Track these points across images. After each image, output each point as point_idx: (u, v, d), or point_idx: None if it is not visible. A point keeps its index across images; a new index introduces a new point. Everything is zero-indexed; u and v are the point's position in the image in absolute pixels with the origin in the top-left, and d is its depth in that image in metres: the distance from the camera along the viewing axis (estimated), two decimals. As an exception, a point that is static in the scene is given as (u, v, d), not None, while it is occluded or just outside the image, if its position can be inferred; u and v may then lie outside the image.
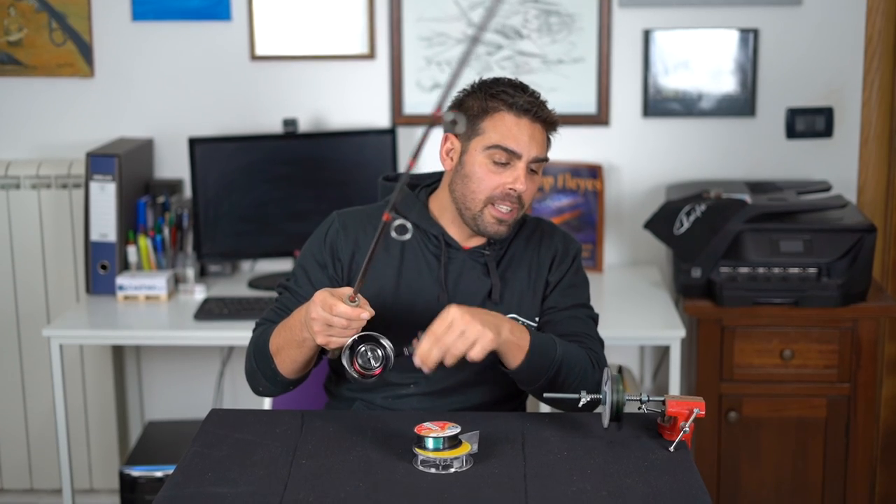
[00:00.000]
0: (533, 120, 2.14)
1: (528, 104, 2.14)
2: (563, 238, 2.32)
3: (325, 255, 2.23)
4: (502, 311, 2.21)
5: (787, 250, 3.10)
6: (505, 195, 2.14)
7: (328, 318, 1.93)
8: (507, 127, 2.13)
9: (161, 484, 2.30)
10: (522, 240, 2.28)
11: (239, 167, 3.42)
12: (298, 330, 2.03)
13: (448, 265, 2.22)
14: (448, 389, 2.22)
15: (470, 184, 2.16)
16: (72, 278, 3.54)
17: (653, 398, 1.91)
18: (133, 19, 3.56)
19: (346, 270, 2.23)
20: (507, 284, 2.24)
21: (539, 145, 2.15)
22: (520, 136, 2.13)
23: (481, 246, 2.24)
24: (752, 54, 3.49)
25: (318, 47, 3.58)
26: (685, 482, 1.79)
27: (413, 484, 1.79)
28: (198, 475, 1.83)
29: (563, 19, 3.52)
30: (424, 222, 2.23)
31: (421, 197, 2.29)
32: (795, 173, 3.56)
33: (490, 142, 2.14)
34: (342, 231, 2.24)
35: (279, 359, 2.10)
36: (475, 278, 2.22)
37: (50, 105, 3.63)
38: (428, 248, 2.23)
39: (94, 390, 3.58)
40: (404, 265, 2.22)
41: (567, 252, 2.29)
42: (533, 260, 2.27)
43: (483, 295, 2.22)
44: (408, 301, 2.20)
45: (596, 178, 3.53)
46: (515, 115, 2.14)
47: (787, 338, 3.12)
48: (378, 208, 2.27)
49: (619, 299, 3.32)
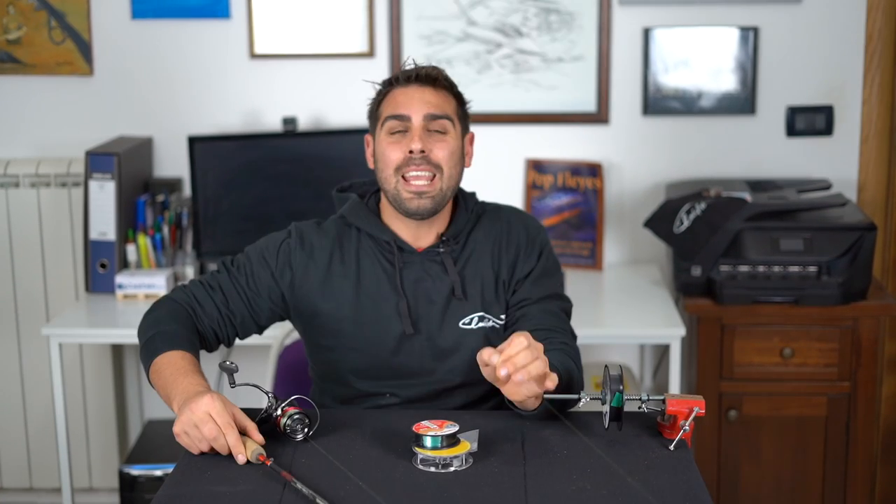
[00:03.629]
0: (421, 84, 2.17)
1: (410, 72, 2.18)
2: (525, 227, 2.26)
3: (277, 258, 2.21)
4: (468, 309, 2.19)
5: (787, 248, 3.10)
6: (408, 160, 2.13)
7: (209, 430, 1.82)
8: (396, 98, 2.17)
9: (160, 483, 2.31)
10: (481, 232, 2.24)
11: (238, 166, 3.41)
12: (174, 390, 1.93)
13: (403, 270, 2.18)
14: (426, 396, 2.20)
15: (380, 164, 2.18)
16: (71, 277, 3.54)
17: (653, 397, 1.91)
18: (132, 17, 3.56)
19: (291, 281, 2.20)
20: (468, 280, 2.20)
21: (431, 104, 2.15)
22: (407, 101, 2.15)
23: (434, 245, 2.20)
24: (752, 52, 3.49)
25: (317, 46, 3.58)
26: (685, 481, 1.79)
27: (412, 483, 1.78)
28: (197, 474, 1.82)
29: (562, 17, 3.52)
30: (374, 229, 2.20)
31: (370, 204, 2.27)
32: (795, 171, 3.56)
33: (383, 118, 2.17)
34: (299, 243, 2.22)
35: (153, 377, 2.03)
36: (434, 278, 2.19)
37: (49, 103, 3.63)
38: (383, 255, 2.20)
39: (94, 389, 3.58)
40: (361, 276, 2.19)
41: (533, 242, 2.24)
42: (494, 253, 2.22)
43: (445, 294, 2.18)
44: (369, 311, 2.17)
45: (596, 177, 3.53)
46: (402, 87, 2.18)
47: (788, 336, 3.11)
48: (332, 222, 2.26)
49: (619, 298, 3.31)
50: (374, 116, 2.23)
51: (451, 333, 2.18)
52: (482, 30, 3.53)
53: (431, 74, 2.18)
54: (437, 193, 2.15)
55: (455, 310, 2.19)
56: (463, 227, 2.22)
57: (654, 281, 3.44)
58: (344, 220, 2.25)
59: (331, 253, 2.21)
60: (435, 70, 2.19)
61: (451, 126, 2.17)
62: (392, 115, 2.15)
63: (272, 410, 1.94)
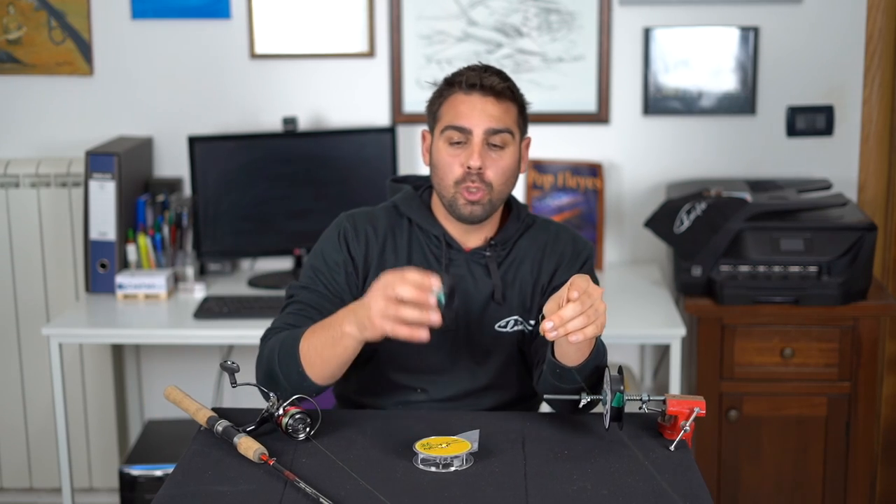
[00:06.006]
0: (484, 94, 2.14)
1: (474, 78, 2.14)
2: (573, 241, 2.27)
3: (342, 254, 2.20)
4: (505, 312, 2.20)
5: (787, 249, 3.10)
6: (465, 175, 2.13)
7: (396, 290, 1.80)
8: (457, 106, 2.14)
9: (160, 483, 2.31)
10: (527, 240, 2.25)
11: (239, 166, 3.41)
12: (339, 324, 1.93)
13: (449, 266, 2.21)
14: (458, 396, 2.21)
15: (438, 172, 2.17)
16: (71, 277, 3.54)
17: (653, 397, 1.91)
18: (132, 17, 3.56)
19: (361, 270, 2.20)
20: (509, 285, 2.22)
21: (493, 118, 2.13)
22: (469, 112, 2.13)
23: (482, 247, 2.22)
24: (753, 52, 3.49)
25: (317, 45, 3.57)
26: (686, 481, 1.79)
27: (413, 482, 1.78)
28: (198, 474, 1.82)
29: (563, 17, 3.52)
30: (426, 223, 2.22)
31: (424, 198, 2.27)
32: (796, 171, 3.56)
33: (444, 125, 2.15)
34: (353, 231, 2.22)
35: (309, 361, 1.99)
36: (477, 279, 2.21)
37: (49, 103, 3.62)
38: (430, 248, 2.22)
39: (94, 389, 3.58)
40: (411, 265, 2.20)
41: (577, 255, 2.25)
42: (536, 261, 2.24)
43: (486, 296, 2.20)
44: None
45: (596, 177, 3.53)
46: (465, 93, 2.15)
47: (788, 336, 3.11)
48: (383, 209, 2.26)
49: (620, 298, 3.31)
50: (433, 116, 2.20)
51: (487, 335, 2.20)
52: (482, 30, 3.53)
53: (496, 88, 2.15)
54: (488, 203, 2.16)
55: (493, 312, 2.20)
56: (512, 235, 2.24)
57: (654, 281, 3.44)
58: (396, 209, 2.25)
59: (384, 240, 2.21)
60: (500, 81, 2.16)
61: (510, 139, 2.17)
62: (452, 126, 2.13)
63: (273, 410, 1.94)
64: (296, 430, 1.92)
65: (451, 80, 2.19)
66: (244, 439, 1.86)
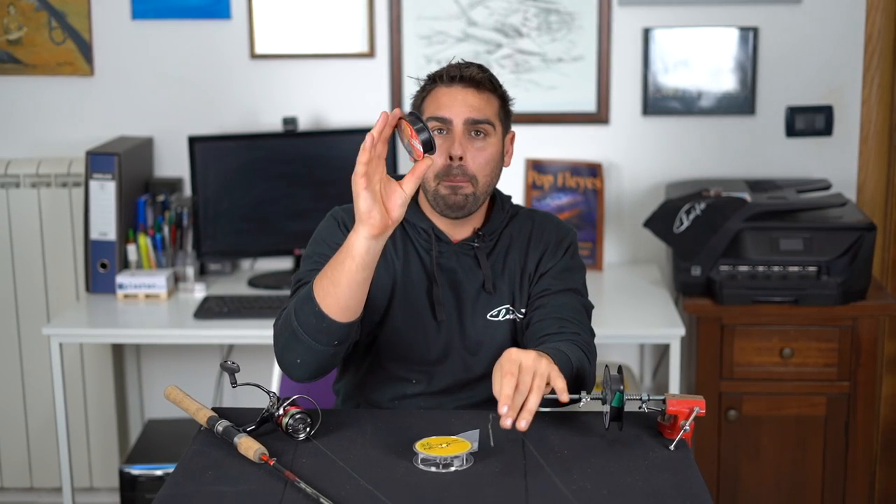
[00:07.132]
0: (464, 85, 2.16)
1: (454, 71, 2.17)
2: (556, 228, 2.30)
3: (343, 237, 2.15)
4: (496, 302, 2.22)
5: (786, 248, 3.10)
6: (448, 169, 2.14)
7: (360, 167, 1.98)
8: (438, 98, 2.17)
9: (161, 482, 2.31)
10: (513, 230, 2.27)
11: (239, 166, 3.42)
12: (343, 246, 1.95)
13: (439, 259, 2.22)
14: (454, 386, 2.23)
15: None
16: (71, 277, 3.54)
17: (653, 397, 1.91)
18: (133, 18, 3.56)
19: None
20: (498, 275, 2.24)
21: (473, 108, 2.15)
22: (450, 103, 2.15)
23: (470, 238, 2.24)
24: (752, 52, 3.49)
25: (317, 46, 3.58)
26: (686, 481, 1.79)
27: (413, 482, 1.79)
28: (198, 474, 1.83)
29: (562, 18, 3.52)
30: (414, 217, 2.23)
31: None
32: (795, 171, 3.56)
33: (426, 117, 2.16)
34: (350, 220, 2.22)
35: (323, 292, 1.96)
36: (467, 270, 2.22)
37: (50, 104, 3.63)
38: (419, 242, 2.24)
39: (94, 389, 3.59)
40: (403, 258, 2.22)
41: (561, 241, 2.27)
42: (523, 250, 2.26)
43: (476, 286, 2.22)
44: (408, 293, 2.21)
45: (595, 177, 3.53)
46: (446, 87, 2.17)
47: (787, 336, 3.12)
48: None
49: (619, 298, 3.32)
50: (418, 112, 2.22)
51: (479, 325, 2.22)
52: (482, 30, 3.54)
53: (476, 77, 2.17)
54: (472, 196, 2.17)
55: (484, 302, 2.22)
56: (498, 226, 2.26)
57: (653, 281, 3.44)
58: None
59: None
60: (479, 72, 2.19)
61: (492, 129, 2.18)
62: (434, 117, 2.16)
63: (273, 410, 1.94)
64: (296, 430, 1.93)
65: (433, 75, 2.22)
66: (244, 439, 1.87)
